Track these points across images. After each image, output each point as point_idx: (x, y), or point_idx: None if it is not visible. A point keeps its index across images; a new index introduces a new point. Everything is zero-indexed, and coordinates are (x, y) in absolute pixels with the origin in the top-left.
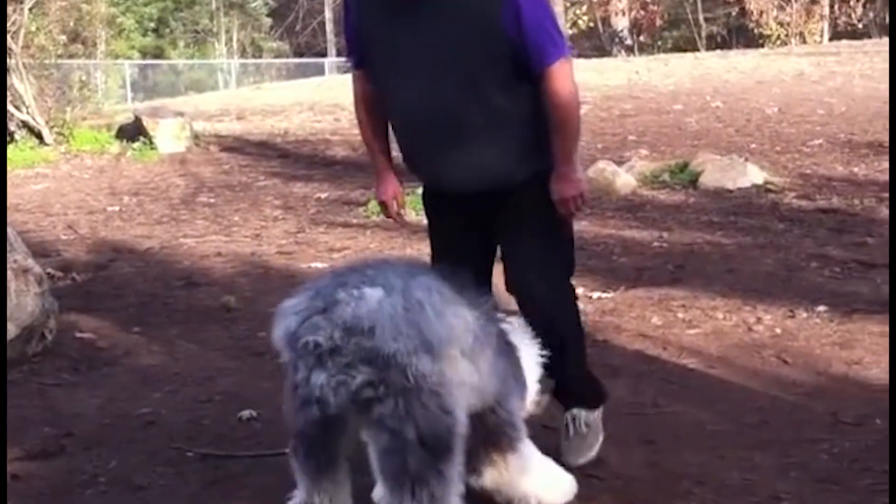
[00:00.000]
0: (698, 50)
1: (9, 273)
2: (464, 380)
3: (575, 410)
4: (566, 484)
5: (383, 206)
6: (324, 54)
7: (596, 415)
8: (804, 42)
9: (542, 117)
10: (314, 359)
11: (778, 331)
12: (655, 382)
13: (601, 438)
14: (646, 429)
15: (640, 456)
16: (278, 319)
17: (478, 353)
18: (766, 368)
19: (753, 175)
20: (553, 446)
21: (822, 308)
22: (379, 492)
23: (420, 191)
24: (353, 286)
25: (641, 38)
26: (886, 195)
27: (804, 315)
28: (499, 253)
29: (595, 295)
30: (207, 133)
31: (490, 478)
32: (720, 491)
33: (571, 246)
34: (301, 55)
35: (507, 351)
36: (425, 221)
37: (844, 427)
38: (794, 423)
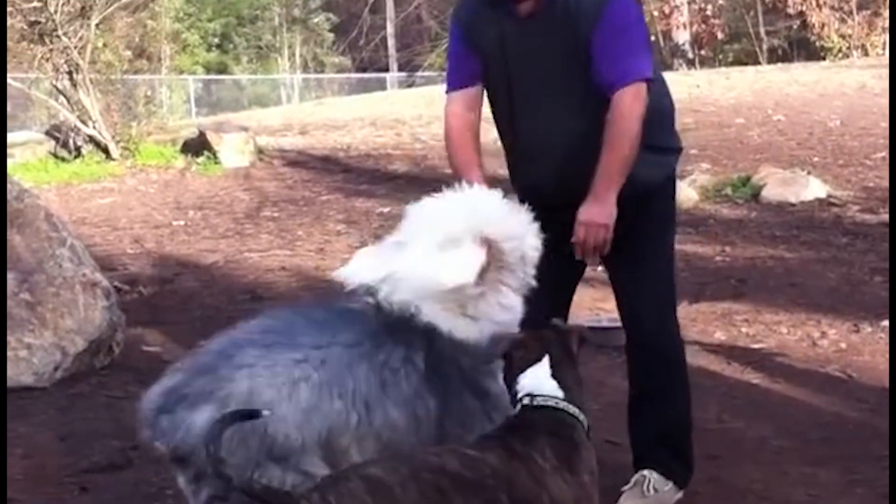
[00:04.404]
0: (759, 63)
1: (77, 286)
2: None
3: (647, 472)
4: None
5: None
6: (386, 69)
7: (668, 488)
8: (866, 54)
9: (653, 126)
10: (172, 463)
11: (842, 345)
12: (719, 397)
13: None
14: (709, 444)
15: (704, 471)
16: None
17: (376, 422)
18: (831, 384)
19: (816, 188)
20: (614, 462)
21: (886, 323)
22: None
23: None
24: (189, 403)
25: (702, 52)
26: None
27: (868, 330)
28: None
29: None
30: (271, 148)
31: None
32: None
33: (670, 263)
34: (363, 70)
35: (448, 399)
36: None
37: None
38: (859, 440)
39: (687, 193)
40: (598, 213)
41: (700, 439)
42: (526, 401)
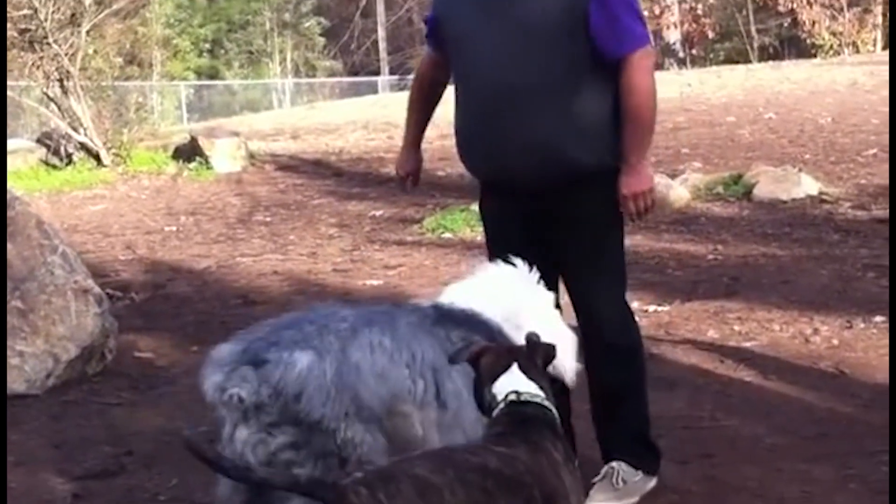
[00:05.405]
0: (750, 62)
1: (69, 293)
2: (420, 434)
3: (615, 464)
4: None
5: (400, 179)
6: (377, 73)
7: (638, 478)
8: (857, 51)
9: (614, 112)
10: (239, 413)
11: (835, 342)
12: (712, 395)
13: (635, 501)
14: (703, 442)
15: (698, 470)
16: (206, 371)
17: (444, 388)
18: (824, 380)
19: (808, 186)
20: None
21: (879, 318)
22: None
23: (474, 206)
24: (285, 346)
25: (693, 51)
26: None
27: (861, 326)
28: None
29: (651, 308)
30: (263, 152)
31: None
32: None
33: (624, 259)
34: (355, 74)
35: None
36: (479, 238)
37: None
38: (852, 436)
39: (678, 192)
40: (638, 183)
41: (694, 437)
42: (512, 397)
